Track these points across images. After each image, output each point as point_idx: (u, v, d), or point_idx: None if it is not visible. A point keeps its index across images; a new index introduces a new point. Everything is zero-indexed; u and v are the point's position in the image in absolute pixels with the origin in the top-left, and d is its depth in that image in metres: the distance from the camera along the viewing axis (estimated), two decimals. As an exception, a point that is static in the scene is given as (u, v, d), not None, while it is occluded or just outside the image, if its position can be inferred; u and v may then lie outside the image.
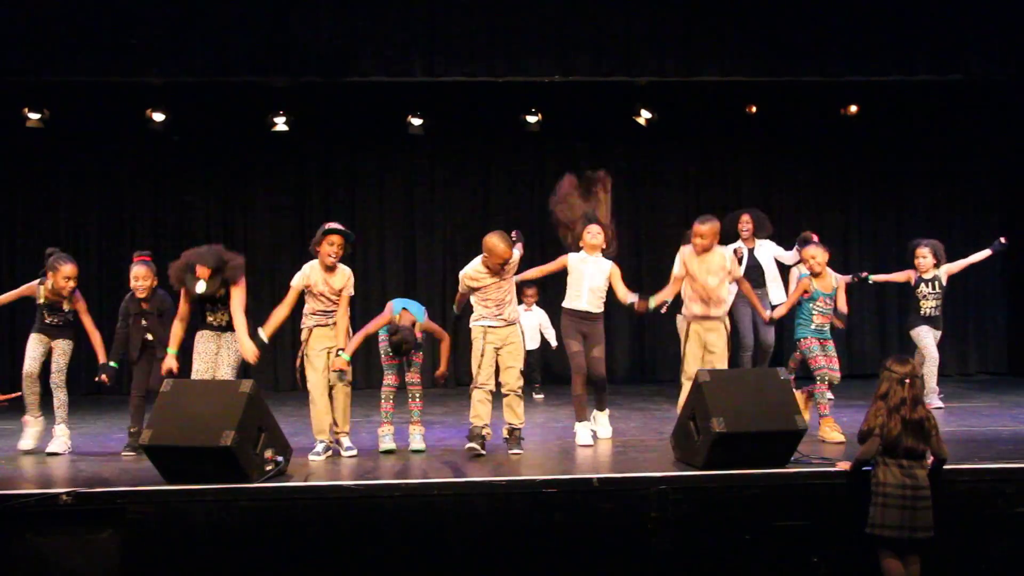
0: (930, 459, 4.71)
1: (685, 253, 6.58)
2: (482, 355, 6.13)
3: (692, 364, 6.35)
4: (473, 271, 6.22)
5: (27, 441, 6.50)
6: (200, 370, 6.17)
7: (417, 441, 6.28)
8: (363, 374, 9.60)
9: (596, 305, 6.61)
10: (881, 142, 10.80)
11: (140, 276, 6.53)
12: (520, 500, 4.91)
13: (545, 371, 10.77)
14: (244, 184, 10.70)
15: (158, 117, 9.53)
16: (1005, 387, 9.52)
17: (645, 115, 9.92)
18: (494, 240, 6.06)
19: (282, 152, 10.52)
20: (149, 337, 6.55)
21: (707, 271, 6.46)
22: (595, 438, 6.41)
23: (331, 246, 6.08)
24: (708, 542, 4.92)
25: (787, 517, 4.95)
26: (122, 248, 10.46)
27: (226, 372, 6.16)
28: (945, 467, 4.76)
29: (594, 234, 6.64)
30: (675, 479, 5.00)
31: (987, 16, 8.54)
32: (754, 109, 10.20)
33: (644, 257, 10.68)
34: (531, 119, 9.92)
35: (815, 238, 7.33)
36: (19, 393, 6.61)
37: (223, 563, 4.78)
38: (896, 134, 10.75)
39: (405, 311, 6.29)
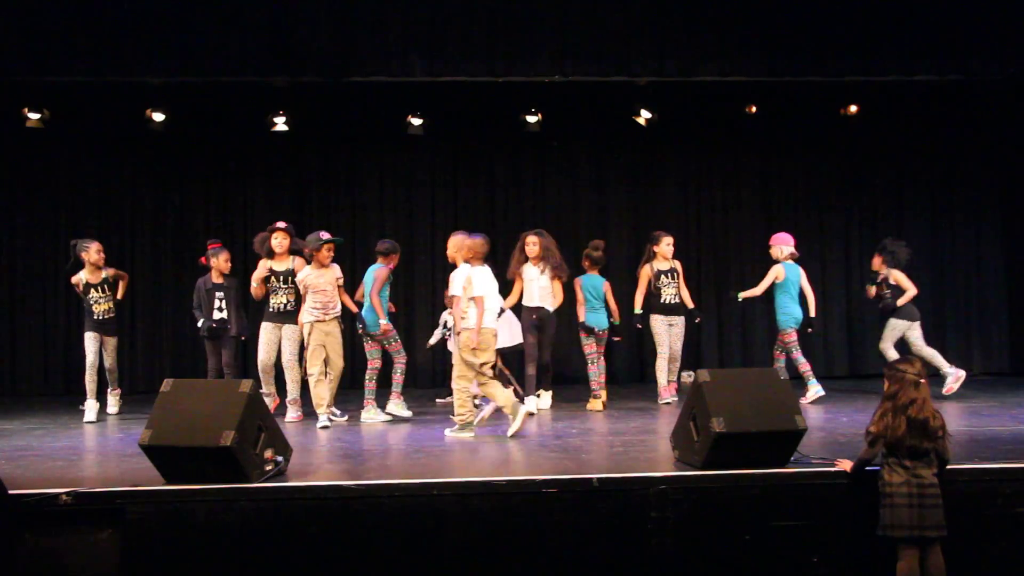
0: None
1: None
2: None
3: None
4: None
5: (90, 415, 8.08)
6: (264, 359, 7.79)
7: (402, 409, 7.71)
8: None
9: (547, 301, 8.22)
10: (881, 142, 10.80)
11: (229, 258, 8.50)
12: (520, 500, 4.91)
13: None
14: (244, 184, 10.71)
15: (158, 117, 9.53)
16: (1006, 387, 9.51)
17: (645, 115, 9.91)
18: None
19: (282, 152, 10.53)
20: (224, 316, 8.26)
21: None
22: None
23: (329, 251, 7.66)
24: (708, 542, 4.91)
25: (787, 517, 4.95)
26: (122, 248, 10.48)
27: (288, 358, 7.74)
28: (946, 467, 4.76)
29: (531, 245, 8.24)
30: (675, 479, 4.99)
31: (987, 16, 8.53)
32: (754, 109, 10.20)
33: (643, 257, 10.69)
34: (531, 119, 9.92)
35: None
36: None
37: (223, 563, 4.77)
38: (896, 134, 10.75)
39: None
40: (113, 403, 8.51)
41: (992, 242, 11.13)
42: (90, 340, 8.29)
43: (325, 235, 7.65)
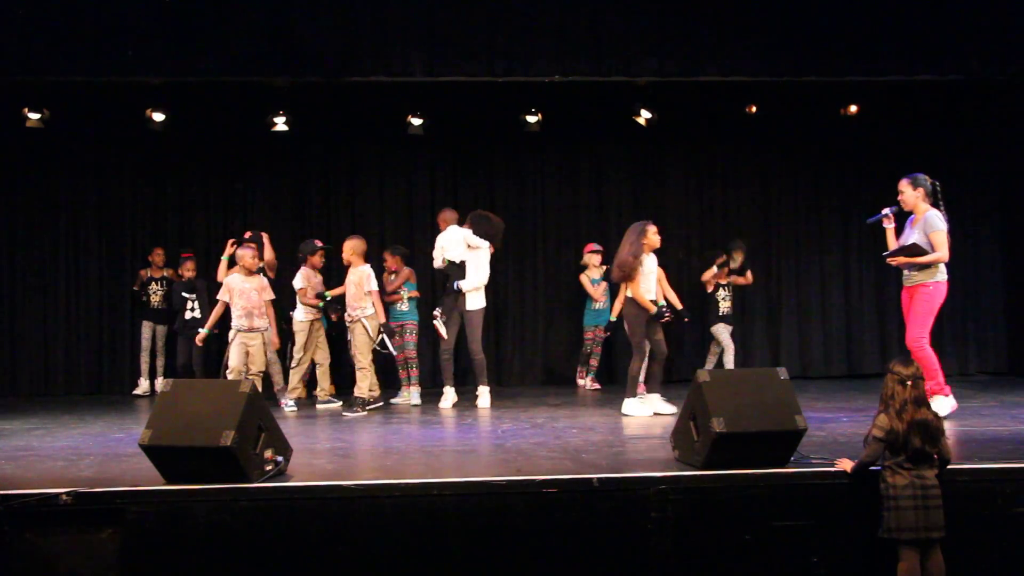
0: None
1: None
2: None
3: None
4: None
5: (139, 390, 9.88)
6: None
7: (416, 398, 8.83)
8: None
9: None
10: (881, 142, 10.80)
11: (193, 267, 9.77)
12: (520, 500, 4.91)
13: (548, 373, 10.79)
14: (244, 184, 10.71)
15: (158, 117, 9.53)
16: (1005, 387, 9.52)
17: (645, 115, 9.91)
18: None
19: (282, 152, 10.53)
20: (197, 316, 9.39)
21: None
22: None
23: (322, 258, 8.87)
24: (708, 542, 4.91)
25: (787, 517, 4.95)
26: (122, 248, 10.50)
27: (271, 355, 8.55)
28: (947, 467, 4.76)
29: (653, 235, 7.80)
30: (675, 479, 4.99)
31: (987, 16, 8.53)
32: (754, 109, 10.20)
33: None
34: (531, 119, 9.91)
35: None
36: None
37: (223, 563, 4.77)
38: (896, 134, 10.75)
39: None
40: (162, 383, 9.48)
41: (991, 242, 11.13)
42: (146, 328, 9.90)
43: (319, 243, 8.83)
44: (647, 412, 7.66)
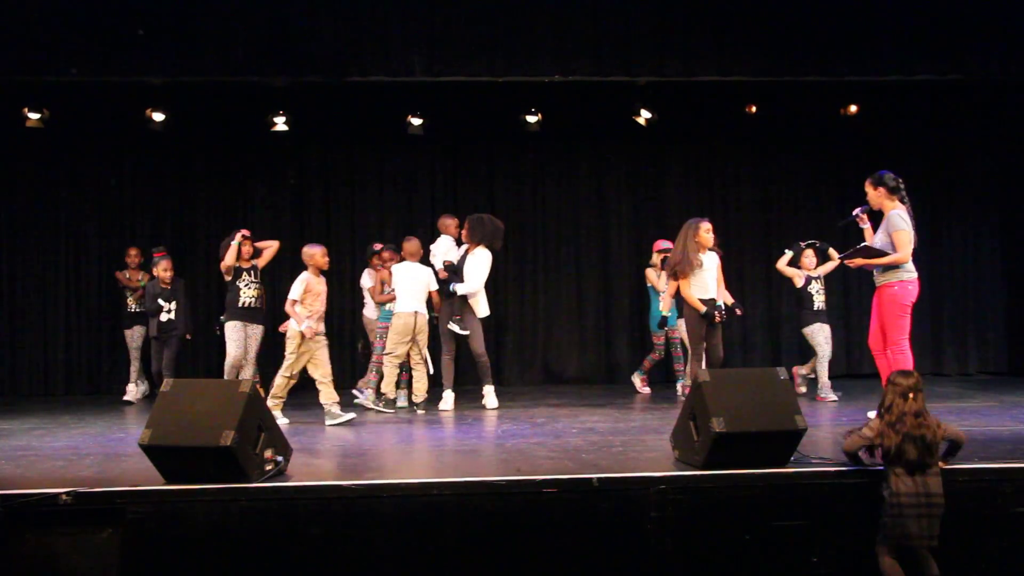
0: (940, 464, 4.69)
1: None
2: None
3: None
4: None
5: (129, 396, 9.41)
6: (236, 355, 7.97)
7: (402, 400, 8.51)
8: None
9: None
10: (881, 142, 10.80)
11: (169, 267, 9.03)
12: (520, 500, 4.91)
13: (548, 373, 10.79)
14: (244, 184, 10.71)
15: (158, 117, 9.53)
16: (1005, 387, 9.52)
17: (645, 115, 9.91)
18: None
19: (282, 152, 10.53)
20: (172, 318, 8.94)
21: None
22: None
23: (379, 259, 8.83)
24: (708, 542, 4.91)
25: (787, 517, 4.95)
26: (122, 248, 10.49)
27: (251, 357, 8.11)
28: (946, 467, 4.76)
29: (707, 232, 7.55)
30: (675, 479, 4.99)
31: (987, 16, 8.54)
32: (754, 109, 10.20)
33: (645, 257, 10.70)
34: (531, 119, 9.92)
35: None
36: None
37: (223, 563, 4.77)
38: (896, 134, 10.75)
39: None
40: (140, 390, 9.53)
41: (990, 241, 11.15)
42: (128, 335, 9.61)
43: (377, 245, 8.96)
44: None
